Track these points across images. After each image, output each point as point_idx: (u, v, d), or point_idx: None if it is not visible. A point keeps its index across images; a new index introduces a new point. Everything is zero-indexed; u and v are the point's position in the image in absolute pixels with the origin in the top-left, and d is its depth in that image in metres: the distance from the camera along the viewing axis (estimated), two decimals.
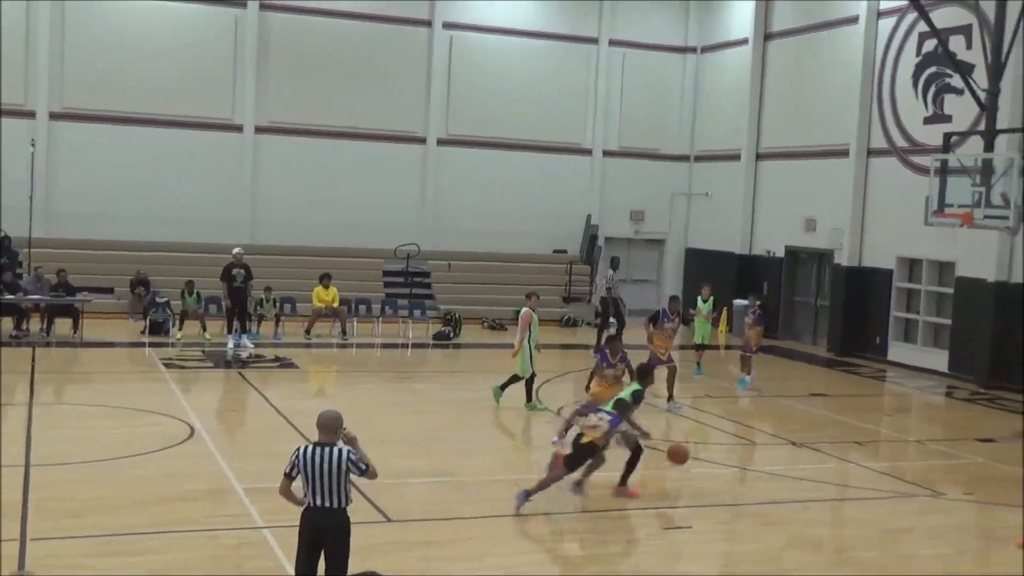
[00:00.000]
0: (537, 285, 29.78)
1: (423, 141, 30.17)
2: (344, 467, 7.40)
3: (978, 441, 16.40)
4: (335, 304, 24.70)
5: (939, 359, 23.20)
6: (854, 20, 26.03)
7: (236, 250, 23.51)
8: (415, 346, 24.77)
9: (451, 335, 25.74)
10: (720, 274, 28.67)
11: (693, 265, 32.29)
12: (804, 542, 11.02)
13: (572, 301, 30.09)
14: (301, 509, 7.55)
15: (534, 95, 30.86)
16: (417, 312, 26.21)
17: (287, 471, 7.57)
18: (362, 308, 25.97)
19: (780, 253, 28.68)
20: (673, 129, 32.54)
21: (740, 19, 30.41)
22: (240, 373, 19.68)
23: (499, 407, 16.99)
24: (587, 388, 15.54)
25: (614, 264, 27.43)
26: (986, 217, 17.25)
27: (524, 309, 17.26)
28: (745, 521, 11.88)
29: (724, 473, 14.21)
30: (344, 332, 24.53)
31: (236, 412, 16.77)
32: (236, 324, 22.72)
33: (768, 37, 29.50)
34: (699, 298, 21.69)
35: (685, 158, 32.64)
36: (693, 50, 32.38)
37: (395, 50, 29.72)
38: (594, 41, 31.55)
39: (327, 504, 7.41)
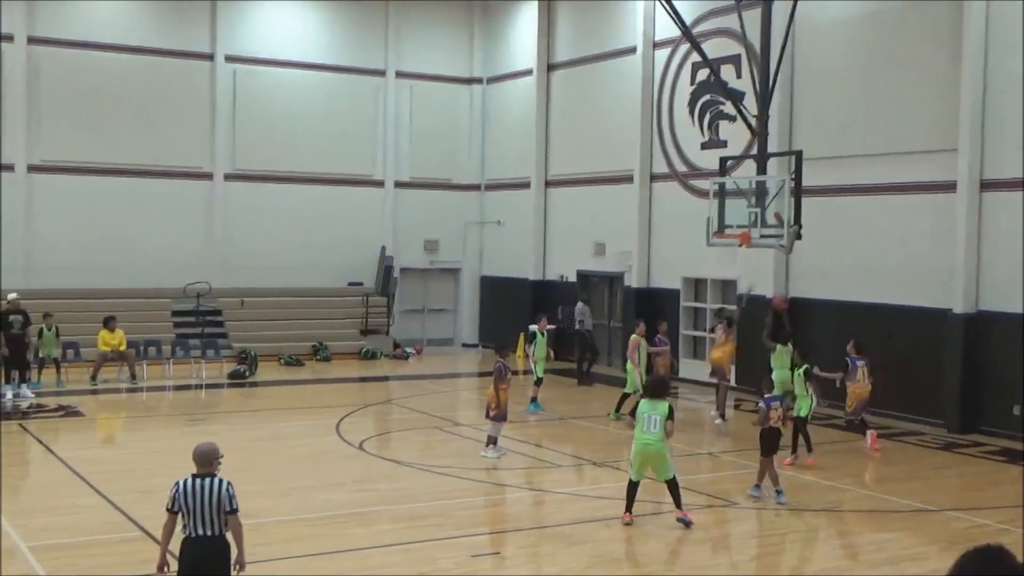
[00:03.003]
0: (334, 319, 29.85)
1: (210, 177, 29.42)
2: (223, 496, 7.67)
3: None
4: (122, 347, 23.72)
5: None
6: (632, 51, 26.96)
7: (12, 295, 22.37)
8: (209, 387, 24.04)
9: (247, 373, 25.14)
10: (515, 300, 29.02)
11: (488, 293, 32.63)
12: (607, 560, 11.27)
13: (370, 333, 29.88)
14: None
15: (323, 128, 30.58)
16: (210, 352, 25.45)
17: (168, 506, 7.76)
18: (151, 350, 25.00)
19: (572, 278, 29.32)
20: (463, 159, 32.86)
21: (524, 50, 31.03)
22: (21, 425, 18.64)
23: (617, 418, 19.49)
24: (496, 393, 15.96)
25: (583, 297, 27.35)
26: (762, 236, 18.01)
27: (633, 336, 19.94)
28: (550, 543, 12.02)
29: (528, 496, 14.37)
30: (133, 376, 23.57)
31: (18, 467, 15.83)
32: (15, 374, 21.59)
33: (552, 68, 30.22)
34: (536, 330, 21.50)
35: (476, 187, 33.01)
36: (479, 80, 32.84)
37: (176, 84, 28.90)
38: (381, 73, 31.55)
39: (207, 532, 7.64)
